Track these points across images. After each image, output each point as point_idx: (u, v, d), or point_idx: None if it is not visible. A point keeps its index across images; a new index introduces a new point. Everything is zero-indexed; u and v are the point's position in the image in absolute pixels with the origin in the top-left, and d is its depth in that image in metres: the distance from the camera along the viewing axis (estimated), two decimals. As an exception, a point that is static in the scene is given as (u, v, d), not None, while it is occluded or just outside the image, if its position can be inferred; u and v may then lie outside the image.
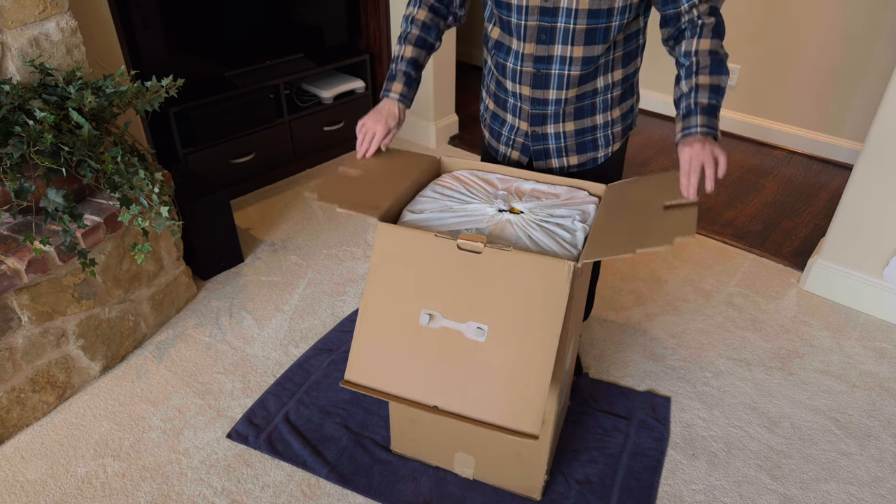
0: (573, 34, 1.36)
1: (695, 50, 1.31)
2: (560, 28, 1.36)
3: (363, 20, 3.26)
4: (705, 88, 1.29)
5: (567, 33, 1.36)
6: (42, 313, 1.72)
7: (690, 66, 1.31)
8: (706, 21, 1.31)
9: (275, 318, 2.20)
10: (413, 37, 1.52)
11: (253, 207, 2.84)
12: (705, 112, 1.28)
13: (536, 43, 1.40)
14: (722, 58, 1.31)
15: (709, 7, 1.32)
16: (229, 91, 2.72)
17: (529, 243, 1.27)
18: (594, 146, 1.57)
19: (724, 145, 1.43)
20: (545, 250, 1.25)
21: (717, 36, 1.31)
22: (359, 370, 1.26)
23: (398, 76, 1.51)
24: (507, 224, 1.31)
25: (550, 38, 1.38)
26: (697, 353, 2.08)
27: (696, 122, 1.28)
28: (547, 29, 1.37)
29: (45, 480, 1.64)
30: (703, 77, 1.29)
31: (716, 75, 1.29)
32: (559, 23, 1.35)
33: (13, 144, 1.50)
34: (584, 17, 1.33)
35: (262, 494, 1.61)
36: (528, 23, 1.37)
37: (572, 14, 1.33)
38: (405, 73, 1.51)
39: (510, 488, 1.61)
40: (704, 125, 1.27)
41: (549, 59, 1.42)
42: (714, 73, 1.29)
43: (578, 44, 1.37)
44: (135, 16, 2.41)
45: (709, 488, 1.65)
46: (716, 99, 1.29)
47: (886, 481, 1.68)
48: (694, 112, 1.29)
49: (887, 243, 2.16)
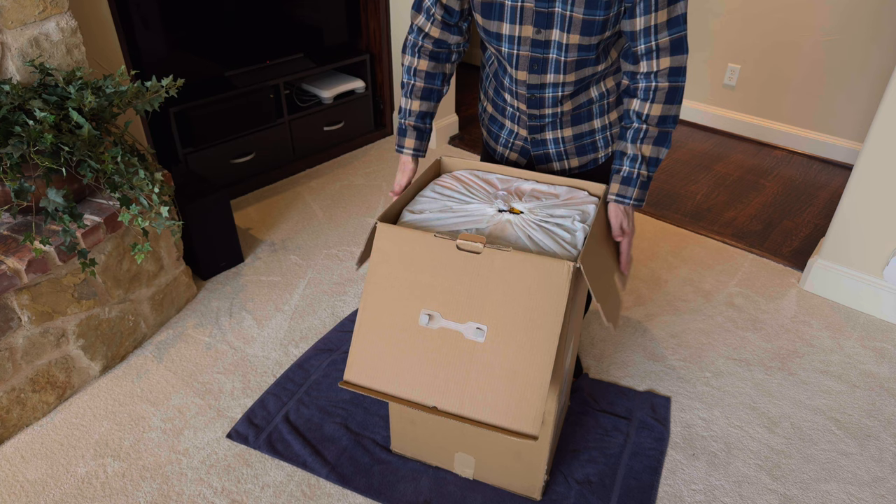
0: (564, 65, 1.36)
1: (646, 115, 1.35)
2: (552, 59, 1.36)
3: (363, 20, 3.26)
4: (646, 161, 1.37)
5: (559, 64, 1.36)
6: (42, 313, 1.72)
7: (638, 130, 1.36)
8: (660, 85, 1.32)
9: (275, 318, 2.20)
10: (418, 90, 1.49)
11: (253, 207, 2.84)
12: (642, 186, 1.39)
13: (529, 72, 1.39)
14: (668, 128, 1.37)
15: (669, 70, 1.31)
16: (229, 91, 2.72)
17: (529, 243, 1.27)
18: (594, 148, 1.57)
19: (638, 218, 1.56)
20: (545, 250, 1.25)
21: (671, 101, 1.34)
22: (358, 370, 1.26)
23: (408, 132, 1.52)
24: (507, 224, 1.31)
25: (542, 68, 1.38)
26: (697, 353, 2.08)
27: (632, 194, 1.39)
28: (539, 60, 1.37)
29: (45, 480, 1.65)
30: (647, 147, 1.36)
31: (658, 146, 1.37)
32: (551, 54, 1.35)
33: (13, 144, 1.50)
34: (575, 50, 1.33)
35: (262, 494, 1.62)
36: (520, 53, 1.37)
37: (563, 48, 1.33)
38: (414, 127, 1.51)
39: (510, 488, 1.61)
40: (638, 199, 1.40)
41: (542, 86, 1.42)
42: (657, 144, 1.37)
43: (570, 71, 1.38)
44: (135, 16, 2.41)
45: (709, 488, 1.65)
46: (653, 170, 1.39)
47: (886, 481, 1.68)
48: (633, 184, 1.39)
49: (887, 243, 2.16)
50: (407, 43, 1.50)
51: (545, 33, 1.32)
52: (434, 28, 1.44)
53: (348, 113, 3.27)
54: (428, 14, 1.43)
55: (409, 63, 1.50)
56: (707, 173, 3.21)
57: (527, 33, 1.33)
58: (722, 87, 3.55)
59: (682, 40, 1.30)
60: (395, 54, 3.29)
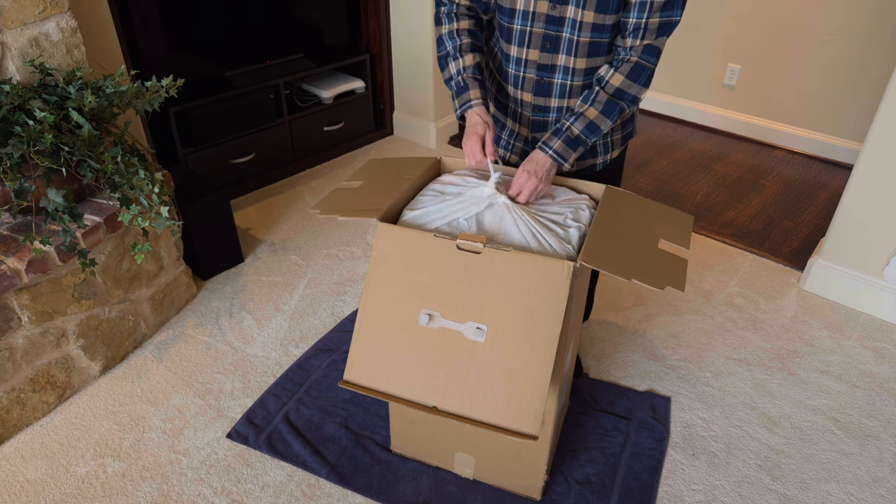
0: (577, 46, 1.36)
1: (606, 81, 1.36)
2: (565, 38, 1.36)
3: (363, 20, 3.26)
4: (585, 121, 1.37)
5: (571, 44, 1.36)
6: (42, 313, 1.72)
7: (591, 94, 1.38)
8: (630, 58, 1.34)
9: (275, 318, 2.20)
10: (467, 46, 1.45)
11: (253, 207, 2.84)
12: (567, 142, 1.38)
13: (541, 51, 1.39)
14: (620, 101, 1.36)
15: (644, 45, 1.32)
16: (229, 91, 2.72)
17: (527, 232, 1.26)
18: (593, 153, 1.57)
19: (553, 178, 1.42)
20: (542, 241, 1.25)
21: (634, 78, 1.35)
22: (358, 370, 1.26)
23: (470, 83, 1.44)
24: (505, 209, 1.30)
25: (555, 47, 1.38)
26: (697, 353, 2.08)
27: (555, 145, 1.38)
28: (552, 37, 1.36)
29: (45, 480, 1.65)
30: (591, 110, 1.37)
31: (603, 115, 1.37)
32: (564, 32, 1.35)
33: (13, 144, 1.50)
34: (588, 30, 1.33)
35: (262, 494, 1.61)
36: (533, 29, 1.37)
37: (577, 26, 1.33)
38: (473, 78, 1.45)
39: (510, 488, 1.61)
40: (558, 152, 1.38)
41: (552, 68, 1.41)
42: (603, 112, 1.37)
43: (581, 56, 1.37)
44: (135, 16, 2.41)
45: (709, 488, 1.65)
46: (586, 134, 1.38)
47: (886, 481, 1.68)
48: (560, 135, 1.38)
49: (887, 243, 2.16)
50: (440, 15, 1.49)
51: (560, 9, 1.32)
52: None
53: (348, 113, 3.27)
54: None
55: (449, 29, 1.47)
56: (707, 173, 3.21)
57: (542, 9, 1.33)
58: (722, 87, 3.55)
59: (671, 25, 1.30)
60: (396, 54, 3.29)
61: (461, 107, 1.46)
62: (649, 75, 1.35)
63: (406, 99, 3.40)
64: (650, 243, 1.28)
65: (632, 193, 1.44)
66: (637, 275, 1.16)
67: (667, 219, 1.38)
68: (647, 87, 1.37)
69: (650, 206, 1.41)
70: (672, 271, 1.21)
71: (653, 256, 1.24)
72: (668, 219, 1.38)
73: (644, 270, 1.18)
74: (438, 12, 1.50)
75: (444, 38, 1.48)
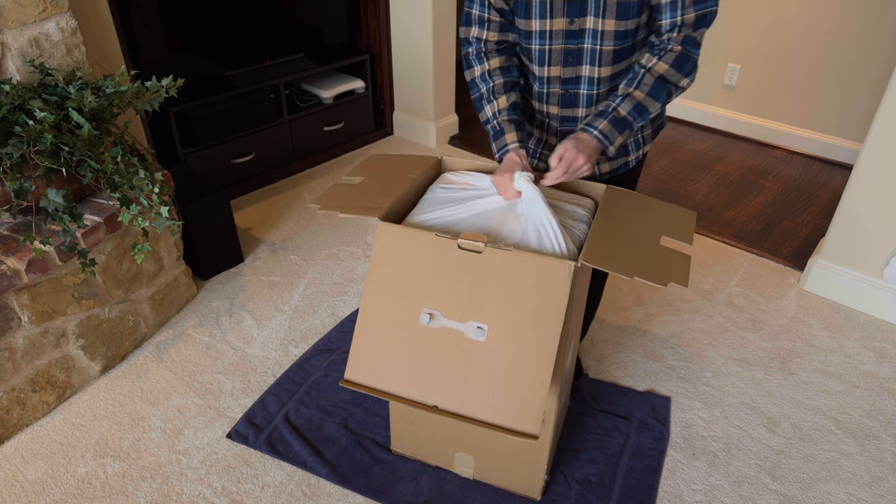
0: (601, 55, 1.34)
1: (649, 67, 1.31)
2: (587, 49, 1.34)
3: (363, 20, 3.26)
4: (632, 102, 1.31)
5: (594, 54, 1.34)
6: (42, 313, 1.72)
7: (635, 77, 1.32)
8: (674, 48, 1.30)
9: (275, 318, 2.20)
10: (500, 86, 1.42)
11: (253, 207, 2.84)
12: (613, 123, 1.31)
13: (563, 66, 1.37)
14: (667, 85, 1.31)
15: (683, 37, 1.30)
16: (229, 91, 2.72)
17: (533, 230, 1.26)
18: (625, 151, 1.55)
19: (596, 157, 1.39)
20: (548, 239, 1.25)
21: (679, 67, 1.30)
22: (358, 369, 1.26)
23: (506, 127, 1.40)
24: (509, 210, 1.30)
25: (577, 59, 1.36)
26: (697, 353, 2.08)
27: (600, 125, 1.31)
28: (573, 51, 1.35)
29: (45, 480, 1.64)
30: (639, 92, 1.31)
31: (650, 97, 1.31)
32: (586, 44, 1.33)
33: (13, 144, 1.50)
34: (612, 38, 1.30)
35: (262, 494, 1.61)
36: (552, 47, 1.35)
37: (599, 35, 1.30)
38: (510, 121, 1.41)
39: (510, 488, 1.60)
40: (603, 132, 1.31)
41: (577, 80, 1.39)
42: (650, 94, 1.31)
43: (606, 64, 1.35)
44: (135, 16, 2.41)
45: (709, 488, 1.65)
46: (634, 116, 1.31)
47: (886, 481, 1.68)
48: (606, 116, 1.31)
49: (887, 243, 2.16)
50: (469, 57, 1.45)
51: (578, 22, 1.30)
52: (492, 32, 1.42)
53: (348, 113, 3.27)
54: (482, 22, 1.41)
55: (481, 71, 1.44)
56: (707, 173, 3.21)
57: (558, 26, 1.31)
58: (722, 87, 3.55)
59: (709, 16, 1.27)
60: (396, 54, 3.29)
61: (499, 151, 1.42)
62: (693, 65, 1.31)
63: (406, 99, 3.40)
64: (652, 241, 1.27)
65: (633, 192, 1.44)
66: (639, 272, 1.15)
67: (668, 216, 1.37)
68: (692, 78, 1.32)
69: (651, 203, 1.40)
70: (675, 268, 1.20)
71: (655, 254, 1.23)
72: (670, 216, 1.37)
73: (646, 268, 1.17)
74: (467, 53, 1.46)
75: (478, 81, 1.45)
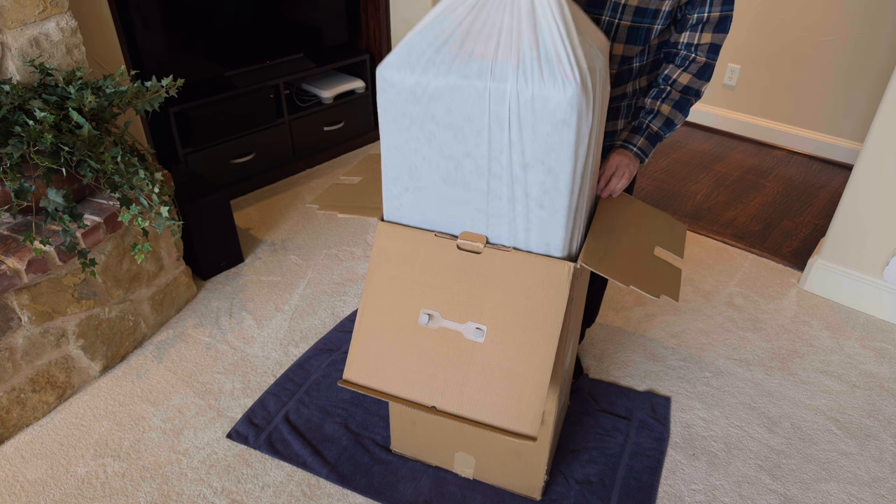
0: (616, 29, 1.37)
1: (674, 80, 1.43)
2: (604, 21, 1.36)
3: (363, 20, 3.26)
4: (662, 118, 1.44)
5: (611, 27, 1.37)
6: (42, 313, 1.72)
7: (662, 91, 1.44)
8: (697, 58, 1.40)
9: (275, 318, 2.20)
10: None
11: (253, 207, 2.84)
12: (649, 139, 1.44)
13: None
14: (691, 97, 1.43)
15: (709, 45, 1.38)
16: (229, 91, 2.72)
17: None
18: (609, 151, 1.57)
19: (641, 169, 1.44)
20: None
21: (700, 76, 1.42)
22: (357, 370, 1.26)
23: None
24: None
25: None
26: (697, 353, 2.08)
27: (638, 142, 1.44)
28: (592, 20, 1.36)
29: (45, 480, 1.65)
30: (666, 107, 1.43)
31: (677, 111, 1.43)
32: (605, 16, 1.36)
33: (13, 144, 1.50)
34: (631, 13, 1.34)
35: (262, 494, 1.61)
36: None
37: (619, 8, 1.33)
38: None
39: (510, 488, 1.61)
40: (642, 149, 1.44)
41: None
42: (676, 108, 1.43)
43: (619, 41, 1.39)
44: (135, 16, 2.41)
45: (709, 488, 1.65)
46: (664, 130, 1.45)
47: (886, 481, 1.68)
48: (641, 132, 1.45)
49: (887, 243, 2.16)
50: None
51: None
52: None
53: (348, 113, 3.27)
54: None
55: None
56: (707, 173, 3.21)
57: None
58: (722, 87, 3.55)
59: (728, 20, 1.36)
60: (395, 54, 3.28)
61: None
62: (712, 71, 1.43)
63: (406, 99, 3.40)
64: (647, 249, 1.30)
65: (629, 196, 1.45)
66: (635, 281, 1.18)
67: (662, 226, 1.40)
68: (709, 81, 1.45)
69: (646, 210, 1.42)
70: (667, 280, 1.24)
71: (650, 263, 1.26)
72: (664, 226, 1.41)
73: (641, 277, 1.20)
74: None
75: None
